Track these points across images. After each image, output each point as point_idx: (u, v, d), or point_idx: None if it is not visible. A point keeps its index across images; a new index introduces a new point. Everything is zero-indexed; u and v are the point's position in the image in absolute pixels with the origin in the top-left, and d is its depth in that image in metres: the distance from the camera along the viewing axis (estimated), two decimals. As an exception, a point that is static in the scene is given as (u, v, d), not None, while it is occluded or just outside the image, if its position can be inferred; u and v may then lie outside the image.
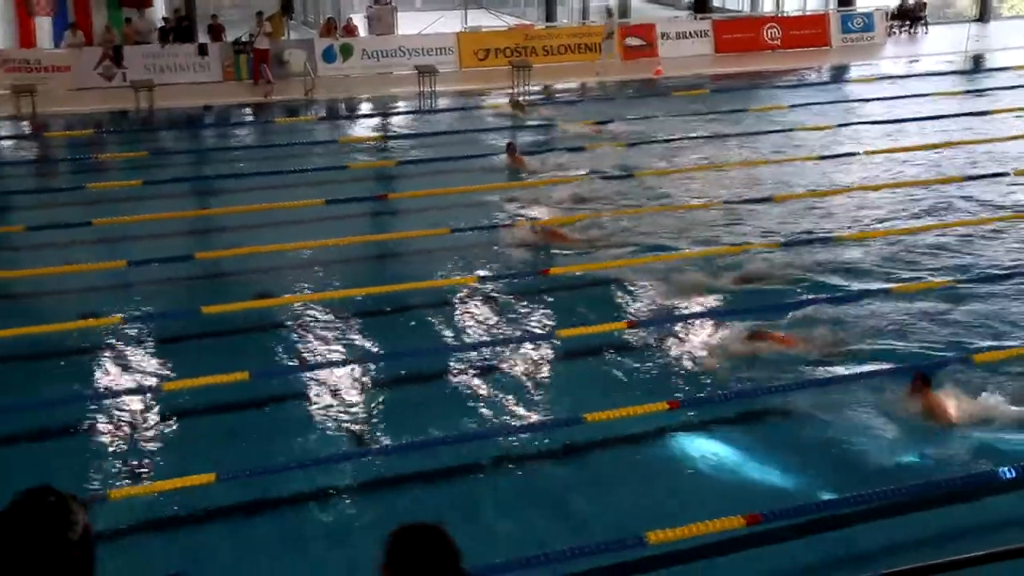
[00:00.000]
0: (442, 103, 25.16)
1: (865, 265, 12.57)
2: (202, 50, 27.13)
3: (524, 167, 17.63)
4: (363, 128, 22.61)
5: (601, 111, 22.61)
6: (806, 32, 31.68)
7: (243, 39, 27.37)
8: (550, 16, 35.46)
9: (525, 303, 11.70)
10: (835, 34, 31.68)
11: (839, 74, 28.52)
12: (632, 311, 11.44)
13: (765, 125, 20.86)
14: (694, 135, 20.03)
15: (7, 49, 26.52)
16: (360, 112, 25.09)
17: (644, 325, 10.94)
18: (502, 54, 28.76)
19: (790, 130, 20.21)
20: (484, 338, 10.77)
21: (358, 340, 10.69)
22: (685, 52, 30.31)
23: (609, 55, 28.92)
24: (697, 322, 10.98)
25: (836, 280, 12.06)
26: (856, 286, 11.85)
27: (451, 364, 10.05)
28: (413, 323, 11.25)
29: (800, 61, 29.34)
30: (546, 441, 8.60)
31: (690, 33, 31.18)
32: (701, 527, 6.96)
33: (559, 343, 10.58)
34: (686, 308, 11.39)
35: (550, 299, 11.87)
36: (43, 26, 28.09)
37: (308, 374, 9.86)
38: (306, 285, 12.31)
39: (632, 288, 11.99)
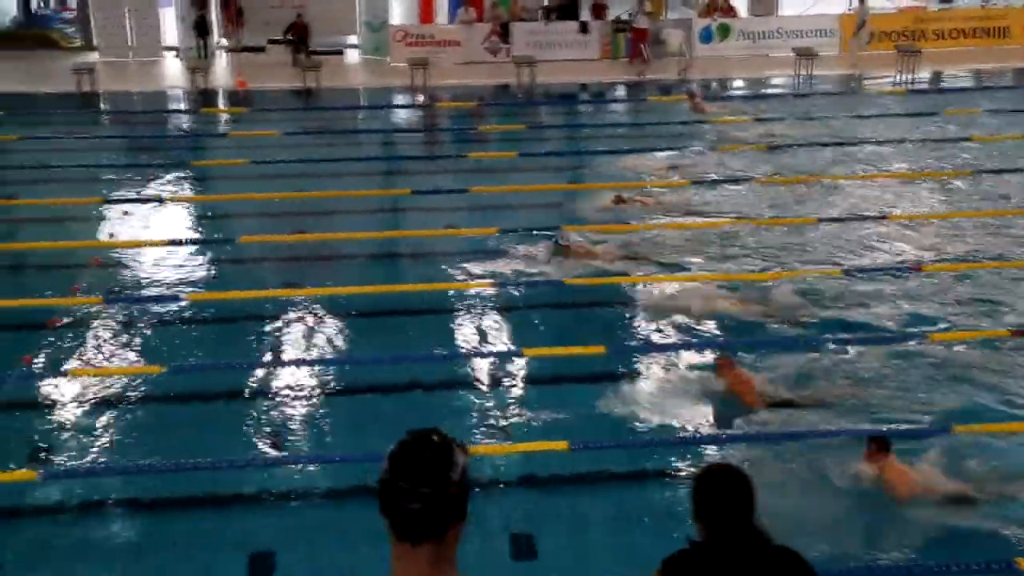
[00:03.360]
0: (819, 88, 24.30)
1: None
2: (583, 28, 27.86)
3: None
4: (734, 110, 22.26)
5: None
6: None
7: (623, 17, 27.83)
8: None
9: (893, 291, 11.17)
10: None
11: None
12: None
13: None
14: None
15: (408, 25, 28.61)
16: (733, 94, 24.76)
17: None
18: (888, 38, 27.30)
19: None
20: (857, 333, 10.31)
21: (713, 323, 10.58)
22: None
23: (859, 49, 26.28)
24: None
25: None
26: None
27: (819, 359, 9.73)
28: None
29: None
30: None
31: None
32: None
33: (934, 345, 9.93)
34: None
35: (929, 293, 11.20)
36: (441, 3, 30.01)
37: (661, 354, 9.90)
38: (668, 264, 12.35)
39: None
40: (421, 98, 24.00)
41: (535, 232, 13.38)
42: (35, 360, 9.72)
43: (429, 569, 2.66)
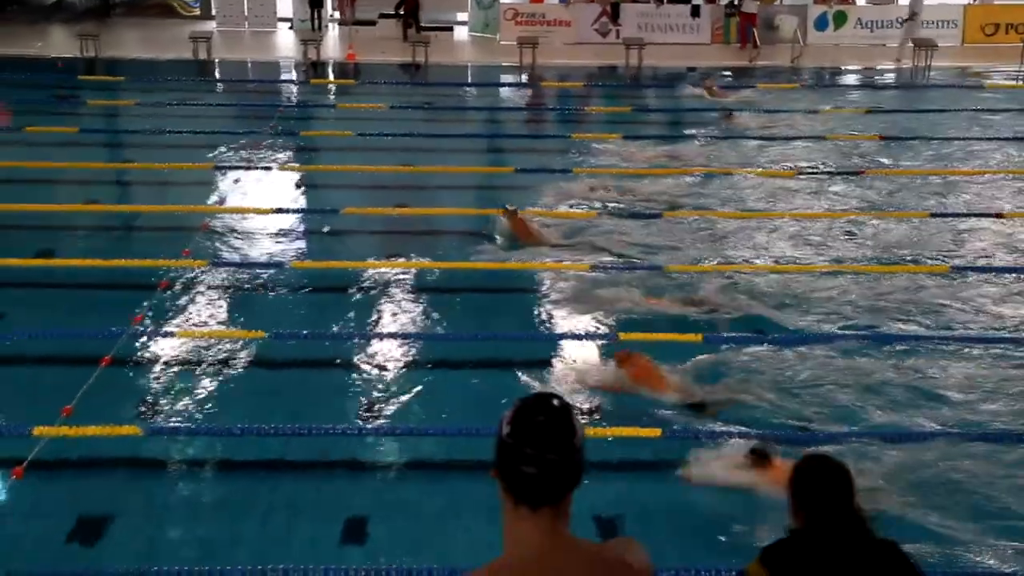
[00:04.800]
0: (936, 79, 23.61)
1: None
2: (695, 11, 27.50)
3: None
4: (846, 100, 21.76)
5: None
6: None
7: (735, 2, 27.37)
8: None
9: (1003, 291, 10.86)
10: None
11: None
12: None
13: None
14: None
15: (518, 3, 28.58)
16: (845, 83, 24.20)
17: None
18: (1015, 30, 26.36)
19: None
20: (963, 332, 10.03)
21: (814, 314, 10.40)
22: None
23: (906, 41, 25.22)
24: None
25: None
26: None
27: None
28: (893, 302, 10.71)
29: None
30: None
31: None
32: None
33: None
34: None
35: None
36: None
37: (759, 344, 9.74)
38: (761, 254, 12.19)
39: None
40: (528, 77, 23.98)
41: (633, 217, 13.35)
42: (145, 319, 10.04)
43: (545, 536, 2.67)
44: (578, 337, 9.98)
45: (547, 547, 2.66)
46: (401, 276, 11.39)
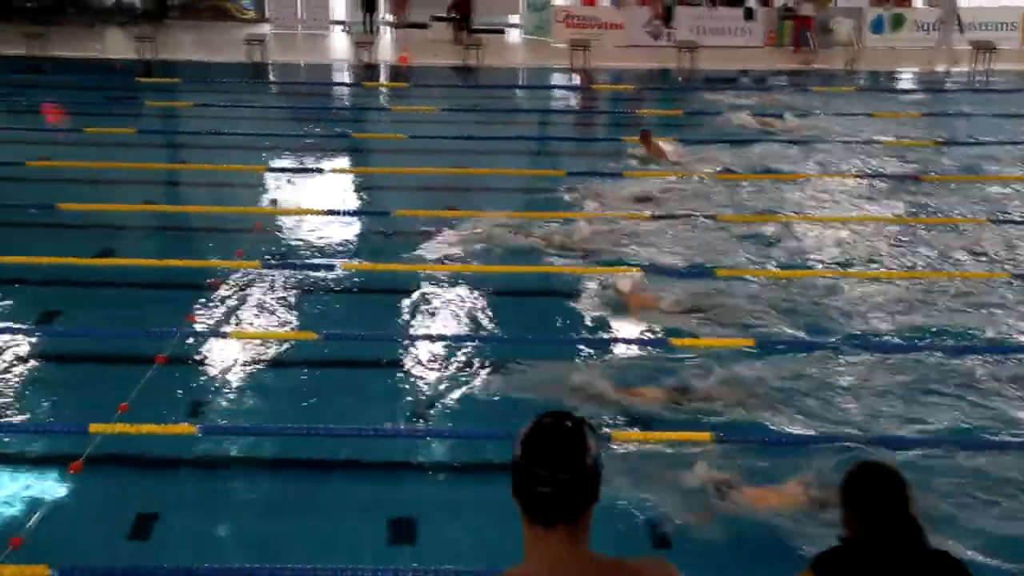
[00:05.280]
0: (997, 83, 23.22)
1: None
2: (748, 14, 27.30)
3: (662, 156, 16.04)
4: (901, 103, 21.47)
5: None
6: None
7: (789, 5, 27.13)
8: None
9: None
10: None
11: None
12: None
13: None
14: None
15: (571, 6, 28.59)
16: (901, 86, 23.87)
17: None
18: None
19: None
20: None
21: (871, 321, 10.26)
22: None
23: (947, 45, 24.63)
24: None
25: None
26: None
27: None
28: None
29: None
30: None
31: None
32: None
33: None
34: None
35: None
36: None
37: (810, 351, 9.62)
38: (826, 260, 12.07)
39: None
40: (579, 79, 23.95)
41: (677, 218, 13.29)
42: (198, 319, 10.15)
43: (562, 551, 2.66)
44: (627, 342, 9.95)
45: (563, 561, 2.66)
46: (452, 278, 11.41)
